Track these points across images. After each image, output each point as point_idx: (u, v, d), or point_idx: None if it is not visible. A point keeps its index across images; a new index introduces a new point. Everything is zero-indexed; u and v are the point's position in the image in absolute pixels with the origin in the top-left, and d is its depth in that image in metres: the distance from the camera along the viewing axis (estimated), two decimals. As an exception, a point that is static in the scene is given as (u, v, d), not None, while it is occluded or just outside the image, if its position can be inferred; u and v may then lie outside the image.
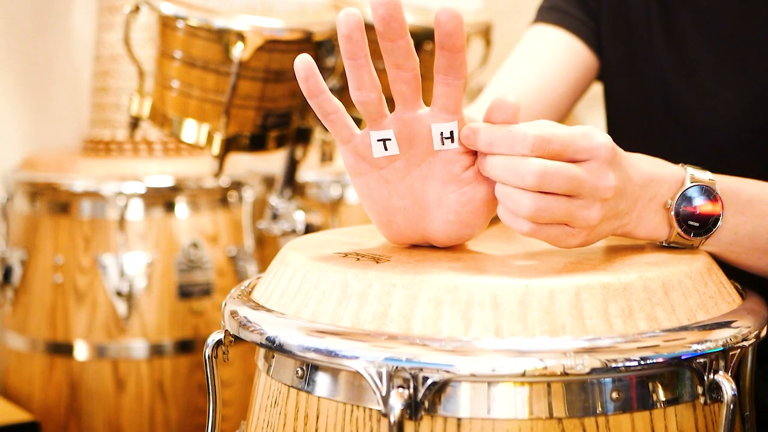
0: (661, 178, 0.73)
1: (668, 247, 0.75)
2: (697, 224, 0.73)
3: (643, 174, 0.72)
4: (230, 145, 1.42)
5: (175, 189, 1.85)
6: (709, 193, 0.73)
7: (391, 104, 0.69)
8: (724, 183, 0.75)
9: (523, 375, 0.58)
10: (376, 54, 0.65)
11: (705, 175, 0.74)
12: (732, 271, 0.78)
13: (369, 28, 0.66)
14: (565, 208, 0.66)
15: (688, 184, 0.73)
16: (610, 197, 0.68)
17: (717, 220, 0.74)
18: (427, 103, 0.69)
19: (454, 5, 0.64)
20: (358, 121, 1.28)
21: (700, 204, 0.73)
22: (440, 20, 0.64)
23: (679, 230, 0.73)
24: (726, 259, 0.77)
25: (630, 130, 1.07)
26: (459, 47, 0.65)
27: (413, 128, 0.69)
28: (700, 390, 0.64)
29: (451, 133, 0.69)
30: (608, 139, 0.67)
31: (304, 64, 0.67)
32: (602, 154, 0.67)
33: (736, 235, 0.76)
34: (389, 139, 0.70)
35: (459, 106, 0.68)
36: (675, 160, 0.76)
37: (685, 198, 0.73)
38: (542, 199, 0.66)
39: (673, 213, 0.73)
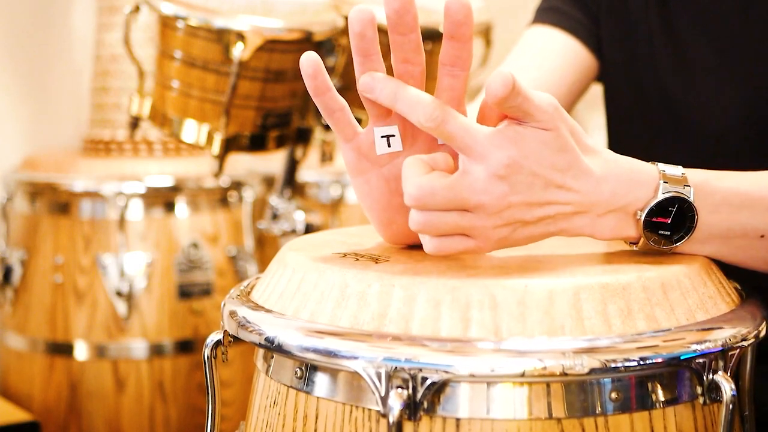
0: (629, 191, 0.70)
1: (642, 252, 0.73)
2: (668, 233, 0.71)
3: (601, 186, 0.69)
4: (230, 145, 1.42)
5: (175, 189, 1.85)
6: (682, 202, 0.70)
7: None
8: (698, 184, 0.72)
9: (523, 375, 0.58)
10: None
11: (677, 188, 0.70)
12: (732, 271, 0.77)
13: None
14: (452, 221, 0.65)
15: (660, 196, 0.70)
16: (503, 208, 0.65)
17: (690, 228, 0.71)
18: None
19: None
20: (359, 121, 1.28)
21: (672, 214, 0.70)
22: (450, 9, 0.63)
23: (650, 242, 0.71)
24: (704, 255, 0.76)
25: (630, 130, 1.07)
26: (468, 37, 0.65)
27: None
28: (699, 390, 0.64)
29: None
30: (502, 152, 0.64)
31: (311, 61, 0.67)
32: (491, 165, 0.64)
33: (710, 235, 0.73)
34: (393, 135, 0.70)
35: (463, 99, 0.68)
36: (674, 159, 0.75)
37: (656, 209, 0.70)
38: (426, 215, 0.65)
39: (642, 226, 0.70)
